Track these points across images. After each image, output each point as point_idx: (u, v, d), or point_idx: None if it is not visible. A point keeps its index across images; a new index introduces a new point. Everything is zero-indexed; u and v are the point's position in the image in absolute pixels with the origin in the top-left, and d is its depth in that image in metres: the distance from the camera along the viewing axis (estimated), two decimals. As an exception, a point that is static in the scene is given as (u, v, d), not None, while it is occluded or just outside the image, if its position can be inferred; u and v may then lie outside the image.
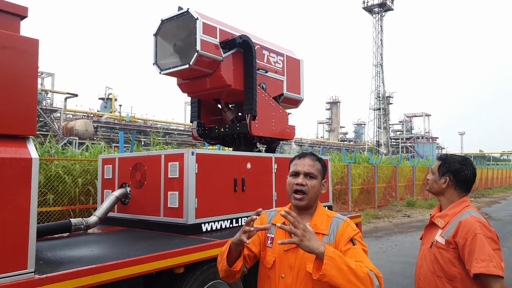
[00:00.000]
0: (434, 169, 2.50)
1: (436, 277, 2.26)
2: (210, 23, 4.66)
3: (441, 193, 2.45)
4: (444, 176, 2.42)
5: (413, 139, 75.65)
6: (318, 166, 2.04)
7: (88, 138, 31.60)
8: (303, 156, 2.08)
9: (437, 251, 2.28)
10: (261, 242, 2.06)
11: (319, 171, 2.03)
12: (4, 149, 2.30)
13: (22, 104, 2.38)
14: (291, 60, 5.85)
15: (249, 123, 4.97)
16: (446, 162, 2.45)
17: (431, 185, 2.51)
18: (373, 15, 58.32)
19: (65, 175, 7.61)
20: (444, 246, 2.25)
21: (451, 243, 2.22)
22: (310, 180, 1.98)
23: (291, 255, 1.91)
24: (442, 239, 2.27)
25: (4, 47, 2.31)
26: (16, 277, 2.28)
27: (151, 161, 4.29)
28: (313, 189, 1.97)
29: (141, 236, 3.95)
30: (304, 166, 2.01)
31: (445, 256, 2.23)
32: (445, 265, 2.22)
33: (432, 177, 2.50)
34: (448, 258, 2.22)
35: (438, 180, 2.44)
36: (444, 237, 2.26)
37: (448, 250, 2.23)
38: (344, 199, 15.57)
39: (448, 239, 2.23)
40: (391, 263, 7.71)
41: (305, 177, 1.98)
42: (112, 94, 51.98)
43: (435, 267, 2.27)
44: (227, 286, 3.87)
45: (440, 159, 2.50)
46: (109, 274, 2.70)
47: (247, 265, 2.04)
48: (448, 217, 2.33)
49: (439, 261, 2.26)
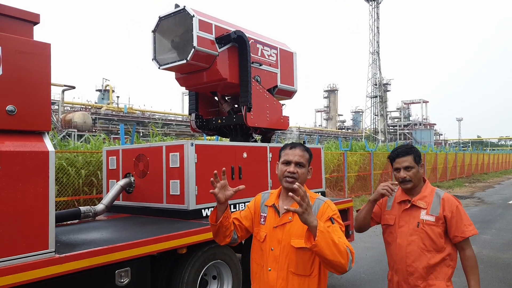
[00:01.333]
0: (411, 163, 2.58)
1: (426, 252, 2.51)
2: (206, 20, 4.90)
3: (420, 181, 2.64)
4: (419, 163, 2.61)
5: (410, 126, 75.97)
6: (306, 156, 2.30)
7: (86, 130, 31.79)
8: (294, 147, 2.31)
9: (428, 228, 2.51)
10: (253, 219, 2.42)
11: (307, 160, 2.30)
12: (24, 144, 2.59)
13: (38, 102, 2.67)
14: (284, 53, 6.09)
15: (244, 115, 5.24)
16: (415, 151, 2.63)
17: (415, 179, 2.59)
18: (370, 2, 58.22)
19: (68, 167, 7.89)
20: (434, 222, 2.51)
21: (441, 218, 2.50)
22: (300, 168, 2.25)
23: (279, 231, 2.22)
24: (431, 217, 2.52)
25: (20, 51, 2.58)
26: (39, 256, 2.59)
27: (153, 152, 4.58)
28: (302, 176, 2.25)
29: (146, 221, 4.26)
30: (295, 156, 2.26)
31: (436, 231, 2.50)
32: (436, 238, 2.50)
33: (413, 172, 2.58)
34: (438, 232, 2.50)
35: (419, 170, 2.61)
36: (433, 214, 2.52)
37: (438, 225, 2.50)
38: (341, 186, 15.90)
39: (438, 215, 2.51)
40: (383, 245, 7.88)
41: (296, 166, 2.24)
42: (110, 85, 52.00)
43: (426, 243, 2.51)
44: (227, 266, 4.20)
45: (407, 152, 2.61)
46: (120, 254, 3.01)
47: (238, 233, 2.39)
48: (427, 198, 2.58)
49: (431, 236, 2.50)
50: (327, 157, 15.00)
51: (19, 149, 2.54)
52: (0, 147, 2.48)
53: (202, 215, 4.34)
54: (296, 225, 2.13)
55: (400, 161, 2.61)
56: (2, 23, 2.60)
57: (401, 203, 2.68)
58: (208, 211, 4.41)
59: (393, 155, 2.66)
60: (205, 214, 4.37)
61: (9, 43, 2.52)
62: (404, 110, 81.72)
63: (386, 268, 6.51)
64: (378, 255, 7.30)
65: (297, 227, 2.13)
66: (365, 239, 8.64)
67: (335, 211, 2.18)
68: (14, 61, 2.55)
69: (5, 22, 2.61)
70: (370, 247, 7.91)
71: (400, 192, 2.71)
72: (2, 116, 2.52)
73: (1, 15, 2.60)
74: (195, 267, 3.80)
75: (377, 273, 6.18)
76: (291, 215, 2.19)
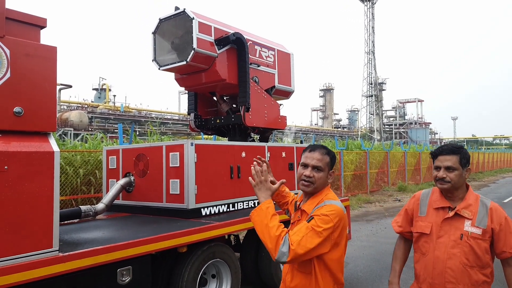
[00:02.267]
0: (454, 164, 2.31)
1: (469, 268, 2.23)
2: (205, 22, 4.97)
3: (462, 185, 2.35)
4: (465, 167, 2.33)
5: (406, 124, 76.35)
6: (326, 159, 2.25)
7: (83, 129, 31.77)
8: (313, 150, 2.29)
9: (474, 242, 2.23)
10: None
11: (326, 164, 2.25)
12: (30, 144, 2.65)
13: (44, 104, 2.73)
14: (282, 54, 6.17)
15: (243, 115, 5.31)
16: (464, 153, 2.34)
17: (457, 181, 2.32)
18: (365, 2, 58.39)
19: (66, 166, 7.93)
20: (481, 236, 2.23)
21: (488, 231, 2.23)
22: (318, 172, 2.22)
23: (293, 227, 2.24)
24: (477, 230, 2.24)
25: (28, 54, 2.64)
26: (44, 254, 2.66)
27: (153, 152, 4.64)
28: (319, 180, 2.23)
29: (146, 220, 4.33)
30: (312, 160, 2.24)
31: (482, 246, 2.23)
32: (482, 254, 2.23)
33: (455, 174, 2.31)
34: (484, 248, 2.23)
35: (463, 174, 2.32)
36: (480, 226, 2.24)
37: (485, 239, 2.23)
38: (337, 185, 16.00)
39: (485, 228, 2.23)
40: (380, 244, 8.15)
41: (313, 169, 2.23)
42: (106, 84, 51.94)
43: (470, 258, 2.23)
44: (226, 265, 4.27)
45: (454, 152, 2.34)
46: (123, 253, 3.08)
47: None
48: (472, 207, 2.29)
49: (476, 252, 2.23)
50: (323, 156, 15.06)
51: (25, 150, 2.60)
52: (8, 147, 2.54)
53: (202, 214, 4.40)
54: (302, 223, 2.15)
55: (442, 159, 2.35)
56: (11, 27, 2.66)
57: (439, 209, 2.38)
58: (207, 210, 4.47)
59: (437, 152, 2.40)
60: (204, 213, 4.43)
61: (17, 46, 2.59)
62: (400, 109, 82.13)
63: (383, 266, 6.62)
64: (375, 253, 7.39)
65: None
66: (362, 237, 8.75)
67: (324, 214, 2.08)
68: (22, 64, 2.62)
69: (14, 26, 2.67)
70: (367, 246, 8.01)
71: (438, 197, 2.41)
72: (10, 117, 2.59)
73: (11, 20, 2.66)
74: (195, 265, 3.86)
75: (374, 272, 6.27)
76: (299, 214, 2.28)
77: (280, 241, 1.97)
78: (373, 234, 9.19)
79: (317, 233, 2.01)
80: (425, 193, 2.49)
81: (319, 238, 2.01)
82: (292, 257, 1.96)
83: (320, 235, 2.02)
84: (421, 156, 23.90)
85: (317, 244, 2.00)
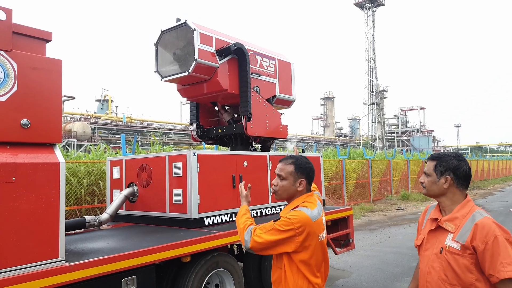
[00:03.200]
0: (428, 170, 2.28)
1: (449, 285, 2.09)
2: (207, 33, 5.05)
3: (442, 194, 2.24)
4: (443, 175, 2.22)
5: (408, 132, 76.28)
6: (288, 169, 2.46)
7: (86, 140, 31.92)
8: (281, 160, 2.54)
9: (451, 257, 2.08)
10: None
11: (288, 173, 2.45)
12: (36, 155, 2.70)
13: (50, 116, 2.79)
14: (283, 64, 6.24)
15: (244, 124, 5.36)
16: (442, 161, 2.25)
17: (429, 188, 2.27)
18: (365, 10, 58.78)
19: (71, 177, 7.99)
20: (460, 251, 2.06)
21: (468, 248, 2.03)
22: (281, 181, 2.46)
23: None
24: (456, 244, 2.08)
25: (34, 67, 2.71)
26: (50, 264, 2.69)
27: (156, 162, 4.68)
28: (282, 188, 2.46)
29: (150, 230, 4.35)
30: (277, 169, 2.51)
31: (461, 263, 2.05)
32: (461, 272, 2.04)
33: (428, 179, 2.27)
34: (464, 265, 2.04)
35: (438, 181, 2.23)
36: (459, 241, 2.07)
37: (465, 256, 2.04)
38: (340, 194, 15.99)
39: (464, 244, 2.05)
40: (384, 254, 8.13)
41: (278, 178, 2.48)
42: (108, 95, 52.23)
43: (449, 275, 2.09)
44: (229, 274, 4.29)
45: (433, 158, 2.31)
46: (127, 262, 3.11)
47: None
48: (458, 220, 2.14)
49: (454, 268, 2.07)
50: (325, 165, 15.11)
51: (32, 161, 2.65)
52: (15, 159, 2.59)
53: (205, 223, 4.43)
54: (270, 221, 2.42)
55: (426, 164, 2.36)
56: (18, 41, 2.73)
57: (432, 220, 2.31)
58: (210, 220, 4.50)
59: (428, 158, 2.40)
60: (207, 223, 4.46)
61: (24, 60, 2.66)
62: (402, 117, 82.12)
63: (387, 276, 6.60)
64: (379, 263, 7.37)
65: None
66: (365, 247, 8.72)
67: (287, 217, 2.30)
68: (28, 77, 2.69)
69: (20, 40, 2.74)
70: (370, 256, 7.99)
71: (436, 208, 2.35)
72: (17, 130, 2.65)
73: (17, 34, 2.73)
74: (198, 275, 3.88)
75: (378, 282, 6.25)
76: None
77: (244, 231, 2.37)
78: (376, 243, 9.16)
79: (277, 231, 2.27)
80: (433, 206, 2.42)
81: (277, 236, 2.26)
82: (253, 245, 2.31)
83: (279, 234, 2.26)
84: (424, 164, 23.84)
85: (275, 240, 2.27)
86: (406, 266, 7.12)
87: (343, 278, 6.44)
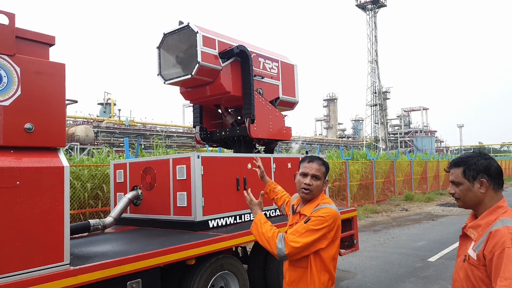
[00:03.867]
0: (457, 179, 2.03)
1: None
2: (209, 36, 5.04)
3: (480, 203, 1.99)
4: (476, 179, 1.98)
5: (411, 133, 76.14)
6: (323, 169, 2.55)
7: (89, 143, 31.99)
8: (311, 161, 2.57)
9: (469, 267, 1.94)
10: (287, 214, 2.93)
11: (323, 173, 2.55)
12: (40, 159, 2.70)
13: (54, 120, 2.79)
14: (286, 65, 6.23)
15: (248, 126, 5.36)
16: (470, 163, 2.01)
17: (464, 198, 2.02)
18: (367, 12, 58.79)
19: (74, 181, 7.99)
20: (476, 262, 1.90)
21: (481, 259, 1.87)
22: (316, 181, 2.51)
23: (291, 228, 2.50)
24: (474, 254, 1.92)
25: (37, 72, 2.71)
26: (55, 268, 2.69)
27: (160, 165, 4.68)
28: (317, 188, 2.52)
29: (154, 233, 4.35)
30: (311, 170, 2.52)
31: (476, 274, 1.90)
32: (477, 284, 1.90)
33: (460, 189, 2.03)
34: (479, 277, 1.88)
35: (472, 187, 1.98)
36: (476, 251, 1.91)
37: (479, 267, 1.88)
38: (343, 195, 15.94)
39: (478, 253, 1.88)
40: (388, 254, 8.10)
41: (312, 178, 2.51)
42: (111, 99, 52.37)
43: (468, 285, 1.95)
44: (234, 277, 4.27)
45: (458, 164, 2.06)
46: (132, 265, 3.10)
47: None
48: (481, 228, 1.95)
49: (471, 280, 1.93)
50: (329, 167, 15.04)
51: (36, 165, 2.65)
52: (19, 163, 2.59)
53: (209, 226, 4.42)
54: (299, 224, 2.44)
55: (450, 172, 2.09)
56: (21, 46, 2.73)
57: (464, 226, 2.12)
58: (214, 222, 4.49)
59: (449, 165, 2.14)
60: (211, 225, 4.45)
61: (27, 64, 2.66)
62: (405, 117, 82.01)
63: (391, 277, 6.58)
64: (383, 264, 7.34)
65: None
66: (370, 248, 8.69)
67: (320, 215, 2.37)
68: (31, 81, 2.69)
69: (24, 44, 2.75)
70: (375, 256, 7.96)
71: (472, 212, 2.13)
72: (21, 134, 2.65)
73: (21, 38, 2.73)
74: (203, 278, 3.87)
75: (382, 282, 6.23)
76: (298, 216, 2.53)
77: (275, 239, 2.33)
78: (380, 244, 9.13)
79: (313, 231, 2.32)
80: None
81: (314, 236, 2.31)
82: (290, 251, 2.29)
83: (315, 233, 2.31)
84: (427, 164, 23.78)
85: (312, 240, 2.30)
86: (410, 267, 7.10)
87: (348, 279, 6.42)
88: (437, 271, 6.76)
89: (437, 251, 8.21)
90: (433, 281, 6.25)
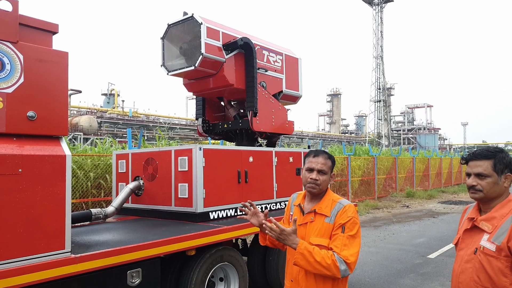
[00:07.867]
0: (486, 171, 2.04)
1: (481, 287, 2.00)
2: (213, 27, 5.02)
3: (499, 196, 2.06)
4: (503, 173, 2.04)
5: (415, 130, 75.92)
6: (329, 163, 2.46)
7: (92, 134, 32.08)
8: (317, 155, 2.47)
9: (485, 258, 1.97)
10: (288, 219, 2.65)
11: (329, 167, 2.45)
12: (42, 148, 2.71)
13: (56, 108, 2.79)
14: (290, 59, 6.20)
15: (250, 120, 5.35)
16: (500, 158, 2.05)
17: (489, 190, 2.05)
18: (373, 7, 58.34)
19: (77, 170, 8.03)
20: (495, 253, 1.95)
21: (504, 249, 1.92)
22: (322, 175, 2.41)
23: (302, 229, 2.42)
24: (491, 245, 1.96)
25: (40, 60, 2.71)
26: (56, 255, 2.71)
27: (162, 156, 4.69)
28: (324, 182, 2.42)
29: (155, 223, 4.37)
30: (317, 164, 2.42)
31: (494, 265, 1.94)
32: (495, 275, 1.94)
33: (488, 181, 2.04)
34: (498, 267, 1.93)
35: (499, 181, 2.03)
36: (495, 242, 1.96)
37: (499, 258, 1.93)
38: (345, 191, 15.95)
39: (500, 245, 1.93)
40: (388, 250, 8.12)
41: (318, 173, 2.41)
42: (115, 89, 52.43)
43: (481, 277, 1.98)
44: (233, 268, 4.30)
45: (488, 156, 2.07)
46: (133, 255, 3.12)
47: None
48: (496, 220, 2.01)
49: (487, 271, 1.96)
50: (331, 162, 15.03)
51: (38, 153, 2.66)
52: (21, 151, 2.60)
53: (210, 217, 4.43)
54: (316, 224, 2.37)
55: (473, 164, 2.09)
56: (24, 33, 2.73)
57: (469, 220, 2.17)
58: (215, 214, 4.51)
59: (468, 157, 2.14)
60: (212, 217, 4.46)
61: (31, 52, 2.66)
62: (408, 114, 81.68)
63: (390, 272, 6.59)
64: (383, 259, 7.36)
65: (317, 226, 2.36)
66: (369, 243, 8.71)
67: (350, 217, 2.30)
68: (34, 69, 2.69)
69: (27, 32, 2.74)
70: (374, 252, 7.97)
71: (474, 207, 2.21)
72: (23, 122, 2.65)
73: (24, 26, 2.73)
74: (203, 269, 3.90)
75: (381, 278, 6.25)
76: (313, 215, 2.40)
77: (336, 264, 2.17)
78: (380, 240, 9.14)
79: (355, 237, 2.28)
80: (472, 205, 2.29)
81: (357, 239, 2.29)
82: (352, 267, 2.22)
83: (357, 236, 2.29)
84: (430, 162, 23.74)
85: (359, 245, 2.30)
86: (410, 263, 7.12)
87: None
88: (436, 268, 6.78)
89: (437, 248, 8.23)
90: (433, 277, 6.26)
